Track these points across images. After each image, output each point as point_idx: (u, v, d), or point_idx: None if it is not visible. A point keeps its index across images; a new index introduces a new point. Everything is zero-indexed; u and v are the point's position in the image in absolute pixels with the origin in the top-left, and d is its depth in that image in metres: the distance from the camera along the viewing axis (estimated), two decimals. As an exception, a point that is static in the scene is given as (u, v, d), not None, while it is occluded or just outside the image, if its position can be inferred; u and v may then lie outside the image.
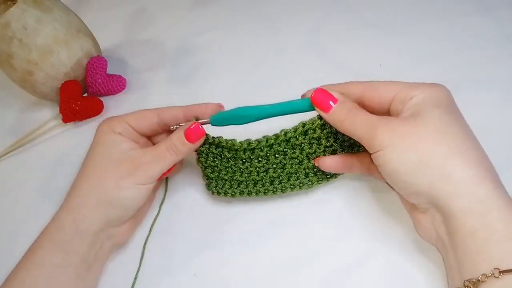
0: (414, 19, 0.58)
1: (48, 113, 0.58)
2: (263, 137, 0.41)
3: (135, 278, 0.42)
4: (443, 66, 0.51)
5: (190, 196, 0.46)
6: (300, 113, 0.39)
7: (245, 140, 0.41)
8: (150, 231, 0.44)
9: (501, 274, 0.28)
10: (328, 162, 0.40)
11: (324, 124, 0.39)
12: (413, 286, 0.37)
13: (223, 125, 0.41)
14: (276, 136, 0.40)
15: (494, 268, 0.29)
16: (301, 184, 0.42)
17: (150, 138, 0.45)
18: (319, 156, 0.41)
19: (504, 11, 0.56)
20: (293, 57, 0.58)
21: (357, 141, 0.37)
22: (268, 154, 0.41)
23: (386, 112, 0.37)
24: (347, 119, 0.36)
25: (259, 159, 0.41)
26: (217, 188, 0.43)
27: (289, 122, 0.40)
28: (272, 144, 0.40)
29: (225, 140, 0.41)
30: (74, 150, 0.54)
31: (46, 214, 0.47)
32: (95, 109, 0.56)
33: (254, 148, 0.41)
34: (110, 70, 0.58)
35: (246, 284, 0.40)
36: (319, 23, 0.61)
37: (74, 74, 0.55)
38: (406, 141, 0.33)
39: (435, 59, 0.53)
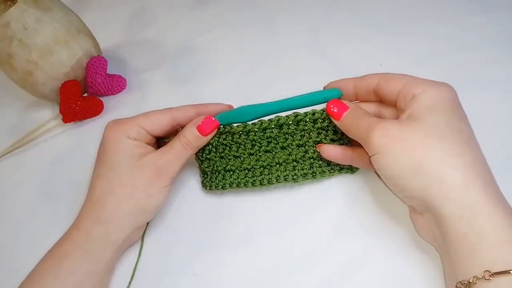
0: (414, 19, 0.58)
1: (48, 113, 0.58)
2: (259, 120, 0.41)
3: (133, 272, 0.42)
4: (443, 66, 0.51)
5: (190, 197, 0.46)
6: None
7: (241, 124, 0.42)
8: (146, 226, 0.44)
9: (492, 276, 0.29)
10: (330, 150, 0.40)
11: (316, 119, 0.40)
12: (414, 285, 0.37)
13: (226, 124, 0.42)
14: (270, 120, 0.41)
15: (485, 271, 0.29)
16: (288, 176, 0.41)
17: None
18: (308, 148, 0.41)
19: (504, 11, 0.56)
20: (293, 57, 0.58)
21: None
22: (261, 139, 0.41)
23: (395, 105, 0.38)
24: (353, 124, 0.37)
25: (253, 143, 0.41)
26: (211, 182, 0.43)
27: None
28: (266, 128, 0.41)
29: (223, 126, 0.42)
30: (74, 150, 0.54)
31: (46, 214, 0.48)
32: (95, 109, 0.56)
33: (249, 131, 0.41)
34: (110, 70, 0.58)
35: (246, 284, 0.40)
36: (319, 23, 0.61)
37: (74, 74, 0.55)
38: (401, 146, 0.33)
39: (435, 59, 0.53)
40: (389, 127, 0.35)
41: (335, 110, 0.39)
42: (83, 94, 0.58)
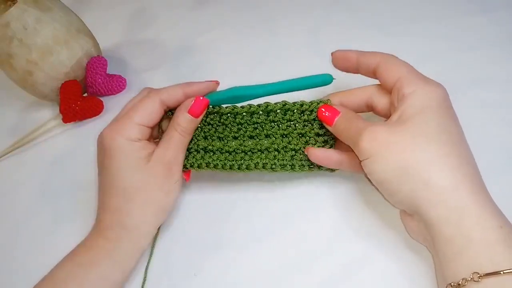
0: (414, 19, 0.58)
1: (48, 113, 0.58)
2: (248, 104, 0.41)
3: (145, 276, 0.41)
4: (443, 66, 0.51)
5: (190, 197, 0.46)
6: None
7: (230, 105, 0.42)
8: (158, 230, 0.44)
9: (481, 278, 0.29)
10: (318, 154, 0.40)
11: (303, 111, 0.40)
12: (414, 286, 0.37)
13: (217, 105, 0.42)
14: (259, 105, 0.41)
15: (474, 273, 0.29)
16: (266, 165, 0.41)
17: None
18: (292, 139, 0.41)
19: (504, 11, 0.56)
20: (293, 57, 0.58)
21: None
22: (248, 124, 0.41)
23: (391, 92, 0.38)
24: (345, 128, 0.37)
25: (239, 126, 0.42)
26: (187, 160, 0.42)
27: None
28: (253, 113, 0.41)
29: (212, 106, 0.42)
30: (74, 150, 0.54)
31: (46, 214, 0.48)
32: (95, 109, 0.56)
33: (237, 113, 0.41)
34: (110, 70, 0.58)
35: (246, 284, 0.40)
36: (319, 23, 0.61)
37: (74, 74, 0.55)
38: (389, 150, 0.33)
39: (435, 59, 0.53)
40: (377, 131, 0.34)
41: (327, 115, 0.39)
42: (83, 94, 0.58)
